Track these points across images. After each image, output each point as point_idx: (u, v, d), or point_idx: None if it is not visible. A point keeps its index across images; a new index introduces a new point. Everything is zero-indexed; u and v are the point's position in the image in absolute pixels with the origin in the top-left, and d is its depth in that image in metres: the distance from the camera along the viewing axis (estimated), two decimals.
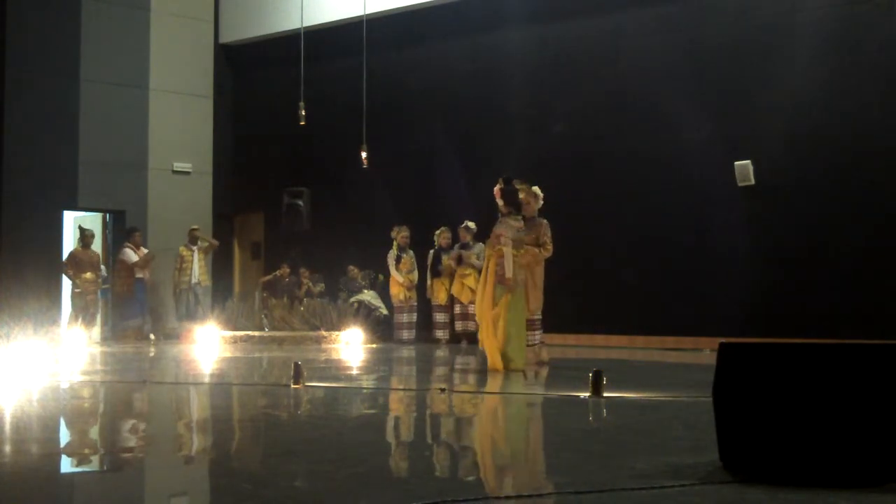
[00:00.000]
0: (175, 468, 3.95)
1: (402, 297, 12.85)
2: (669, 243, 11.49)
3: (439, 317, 12.76)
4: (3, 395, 6.27)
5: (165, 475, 3.79)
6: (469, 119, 13.38)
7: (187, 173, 15.13)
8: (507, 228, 8.02)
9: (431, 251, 12.66)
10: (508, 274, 7.84)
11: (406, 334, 12.79)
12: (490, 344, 7.91)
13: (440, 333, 12.67)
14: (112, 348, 11.90)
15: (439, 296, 12.66)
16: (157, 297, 14.38)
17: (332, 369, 8.65)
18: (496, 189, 8.18)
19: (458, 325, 12.50)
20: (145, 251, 13.75)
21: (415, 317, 12.92)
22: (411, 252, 12.97)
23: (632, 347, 11.42)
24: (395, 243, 12.92)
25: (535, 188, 8.91)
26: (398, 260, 12.87)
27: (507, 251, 7.87)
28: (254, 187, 15.66)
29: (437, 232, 12.62)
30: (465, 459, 4.14)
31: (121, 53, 14.55)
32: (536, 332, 8.61)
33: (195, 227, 14.15)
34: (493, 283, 7.94)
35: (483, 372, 8.18)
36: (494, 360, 7.87)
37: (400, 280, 12.82)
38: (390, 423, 5.29)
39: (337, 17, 14.36)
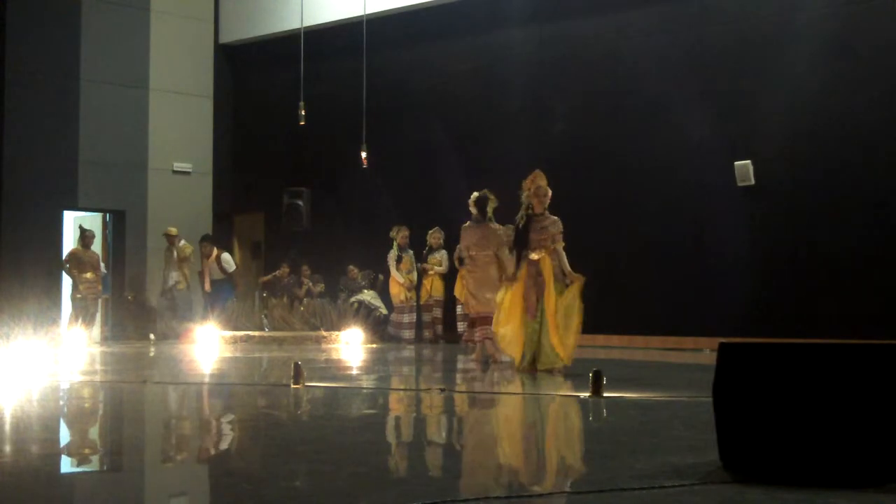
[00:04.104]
0: (175, 468, 3.95)
1: (402, 297, 12.85)
2: (669, 243, 11.49)
3: (426, 316, 12.81)
4: (3, 395, 6.28)
5: (165, 475, 3.80)
6: (469, 119, 13.37)
7: (187, 173, 15.12)
8: (556, 226, 8.01)
9: (444, 252, 12.63)
10: (567, 269, 7.85)
11: (407, 334, 12.79)
12: (557, 341, 7.78)
13: (427, 333, 12.72)
14: (112, 348, 11.90)
15: (421, 294, 12.75)
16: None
17: (332, 369, 8.66)
18: (543, 187, 8.04)
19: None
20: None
21: (415, 317, 12.92)
22: (411, 252, 12.97)
23: (632, 347, 11.42)
24: (395, 243, 12.91)
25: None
26: (399, 260, 12.87)
27: (560, 248, 7.90)
28: (254, 187, 15.65)
29: (430, 232, 12.69)
30: (465, 459, 4.14)
31: (121, 53, 14.54)
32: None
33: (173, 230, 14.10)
34: (552, 281, 7.89)
35: (485, 371, 8.19)
36: (563, 359, 7.76)
37: (400, 280, 12.82)
38: (390, 424, 5.29)
39: (337, 17, 14.35)
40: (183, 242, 14.01)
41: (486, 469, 3.90)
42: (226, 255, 14.22)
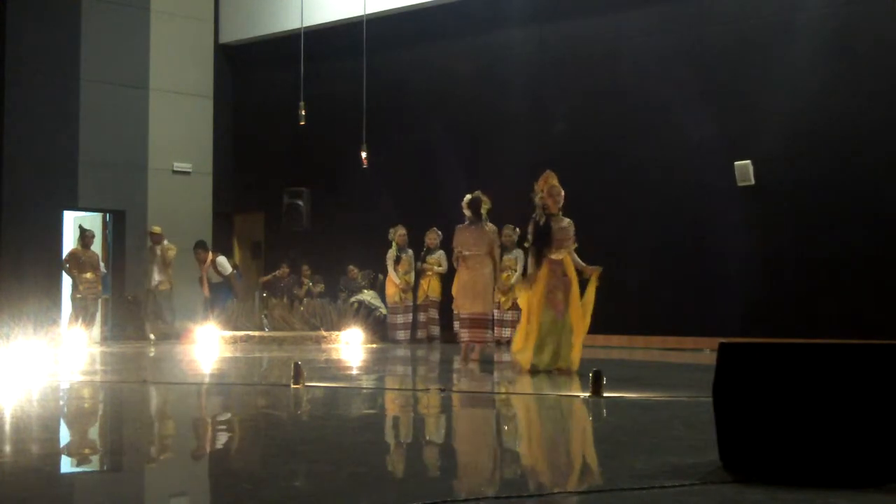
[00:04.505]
0: (175, 468, 3.95)
1: (396, 298, 12.84)
2: (669, 243, 11.49)
3: (422, 316, 12.82)
4: (3, 395, 6.28)
5: (165, 475, 3.80)
6: (469, 119, 13.37)
7: (187, 173, 15.13)
8: (572, 227, 8.04)
9: (442, 252, 12.62)
10: (581, 265, 7.99)
11: (402, 334, 12.78)
12: (578, 344, 7.81)
13: (421, 333, 12.74)
14: (112, 348, 11.90)
15: (418, 294, 12.76)
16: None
17: (332, 369, 8.65)
18: (556, 186, 8.05)
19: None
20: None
21: (410, 317, 12.91)
22: (410, 252, 12.96)
23: (632, 347, 11.42)
24: (394, 243, 12.91)
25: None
26: (398, 260, 12.86)
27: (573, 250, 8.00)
28: (254, 187, 15.65)
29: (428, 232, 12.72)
30: (464, 459, 4.14)
31: (121, 53, 14.55)
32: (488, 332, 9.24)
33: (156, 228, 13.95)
34: (577, 281, 7.91)
35: (489, 372, 8.20)
36: (575, 359, 7.75)
37: (396, 282, 12.81)
38: (390, 424, 5.29)
39: (337, 17, 14.35)
40: (166, 242, 13.78)
41: (486, 469, 3.90)
42: (220, 259, 14.13)
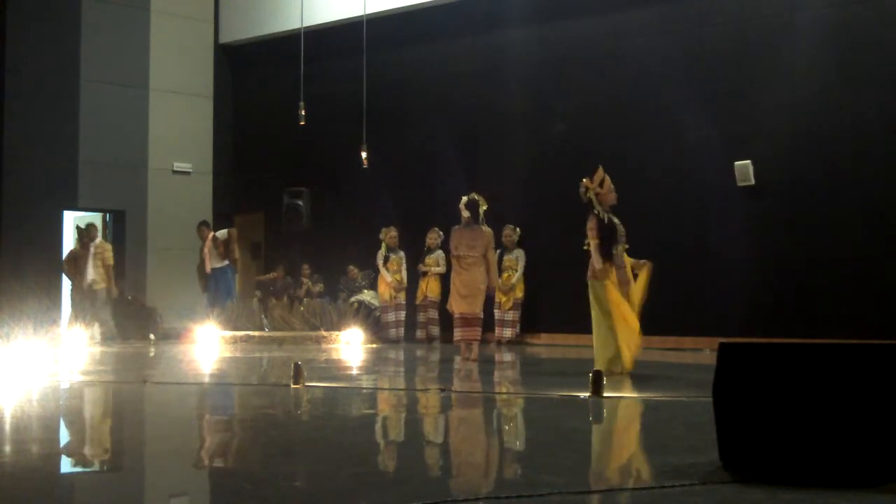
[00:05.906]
0: (175, 468, 3.95)
1: (387, 296, 12.86)
2: (669, 243, 11.46)
3: (421, 317, 12.82)
4: (3, 395, 6.28)
5: (165, 475, 3.80)
6: (469, 119, 13.36)
7: (187, 173, 15.13)
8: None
9: (441, 252, 12.63)
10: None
11: (394, 333, 12.79)
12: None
13: (421, 333, 12.76)
14: (112, 348, 11.89)
15: (417, 294, 12.78)
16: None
17: (332, 369, 8.66)
18: (607, 179, 8.14)
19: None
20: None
21: (403, 315, 12.91)
22: (402, 253, 12.96)
23: None
24: (383, 244, 12.93)
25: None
26: (386, 260, 12.89)
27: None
28: (254, 187, 15.65)
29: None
30: (464, 459, 4.14)
31: (121, 53, 14.55)
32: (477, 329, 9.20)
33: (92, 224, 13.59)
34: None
35: (485, 372, 8.20)
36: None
37: (388, 280, 12.82)
38: (390, 424, 5.29)
39: (337, 17, 14.34)
40: (99, 240, 13.41)
41: (486, 469, 3.90)
42: (219, 231, 13.97)
